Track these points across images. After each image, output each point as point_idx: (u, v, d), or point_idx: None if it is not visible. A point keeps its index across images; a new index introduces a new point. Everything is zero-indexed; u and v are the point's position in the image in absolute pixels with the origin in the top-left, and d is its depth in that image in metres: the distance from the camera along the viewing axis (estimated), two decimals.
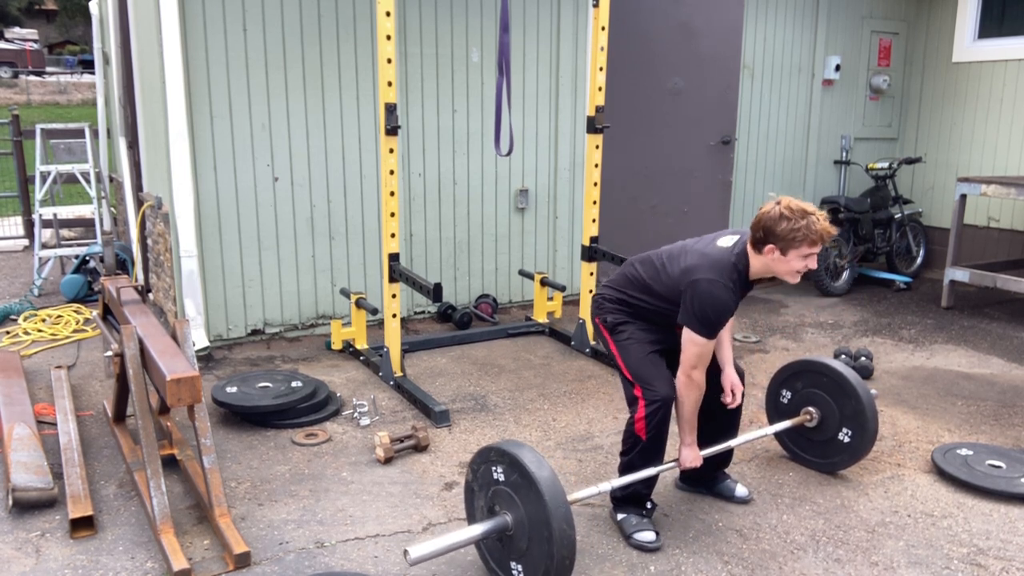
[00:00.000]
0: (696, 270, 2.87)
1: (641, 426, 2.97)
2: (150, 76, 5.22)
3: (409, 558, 2.45)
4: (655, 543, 2.97)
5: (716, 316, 2.85)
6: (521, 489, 2.54)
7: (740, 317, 6.13)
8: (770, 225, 2.79)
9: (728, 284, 2.84)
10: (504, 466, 2.60)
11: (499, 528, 2.60)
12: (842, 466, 3.54)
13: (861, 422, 3.40)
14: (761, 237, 2.83)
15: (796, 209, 2.77)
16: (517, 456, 2.54)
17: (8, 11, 42.00)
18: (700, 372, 2.92)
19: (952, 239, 6.40)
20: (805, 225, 2.75)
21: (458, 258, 5.85)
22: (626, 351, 3.06)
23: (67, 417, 3.83)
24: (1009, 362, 5.23)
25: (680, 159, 6.21)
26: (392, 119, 4.17)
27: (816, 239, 2.77)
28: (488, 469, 2.67)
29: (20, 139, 8.16)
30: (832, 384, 3.48)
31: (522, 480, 2.53)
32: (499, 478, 2.62)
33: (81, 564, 2.82)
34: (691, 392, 2.95)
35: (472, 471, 2.76)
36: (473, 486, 2.77)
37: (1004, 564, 2.93)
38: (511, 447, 2.60)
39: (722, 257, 2.90)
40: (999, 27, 7.22)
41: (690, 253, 2.97)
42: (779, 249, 2.80)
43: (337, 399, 4.29)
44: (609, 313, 3.14)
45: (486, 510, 2.69)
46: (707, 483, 3.37)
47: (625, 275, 3.16)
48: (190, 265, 4.80)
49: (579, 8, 5.90)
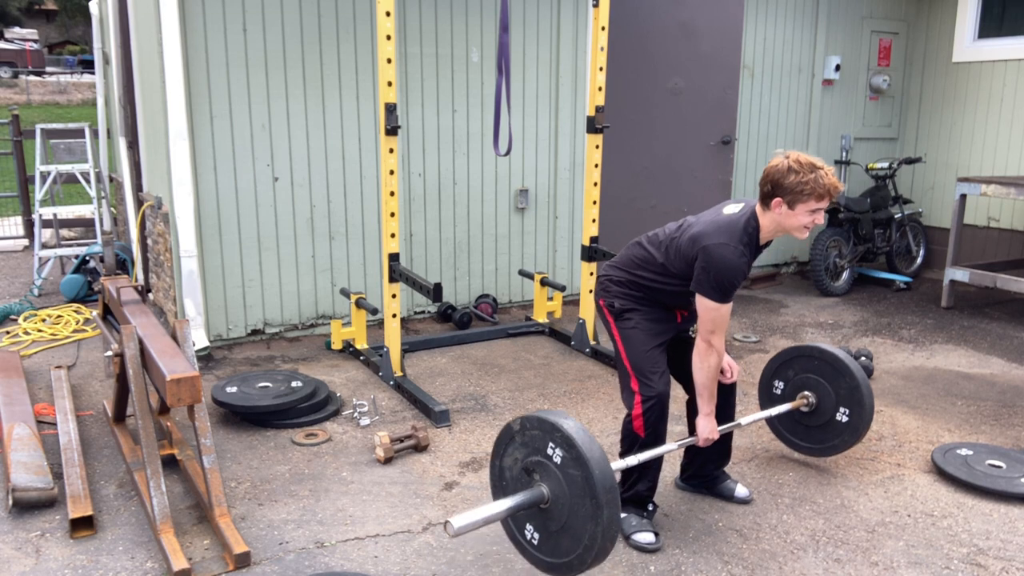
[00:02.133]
0: (706, 236, 2.85)
1: (639, 424, 2.97)
2: (150, 76, 5.23)
3: (452, 528, 2.35)
4: (655, 544, 2.97)
5: (730, 280, 2.82)
6: (575, 486, 2.41)
7: (740, 317, 6.13)
8: (778, 178, 2.77)
9: (739, 247, 2.82)
10: (565, 455, 2.44)
11: (537, 500, 2.51)
12: (843, 447, 3.49)
13: (858, 398, 3.38)
14: (769, 191, 2.81)
15: (804, 163, 2.76)
16: (587, 460, 2.38)
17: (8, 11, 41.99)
18: (719, 338, 2.89)
19: (952, 239, 6.40)
20: (813, 179, 2.74)
21: (458, 258, 5.85)
22: (629, 341, 3.03)
23: (67, 417, 3.83)
24: (1009, 362, 5.23)
25: (680, 159, 6.20)
26: (392, 119, 4.17)
27: (824, 193, 2.76)
28: (544, 440, 2.52)
29: (20, 139, 8.16)
30: (824, 366, 3.46)
31: (584, 483, 2.39)
32: (553, 456, 2.48)
33: (81, 564, 2.82)
34: (710, 358, 2.92)
35: (523, 425, 2.59)
36: (515, 436, 2.61)
37: (1004, 564, 2.93)
38: (583, 444, 2.41)
39: (732, 222, 2.88)
40: (999, 27, 7.22)
41: (698, 223, 2.94)
42: (786, 203, 2.78)
43: (337, 399, 4.29)
44: (616, 297, 3.09)
45: (521, 466, 2.57)
46: (707, 483, 3.36)
47: (631, 255, 3.12)
48: (190, 265, 4.80)
49: (579, 8, 5.90)
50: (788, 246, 7.55)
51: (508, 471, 2.65)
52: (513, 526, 2.64)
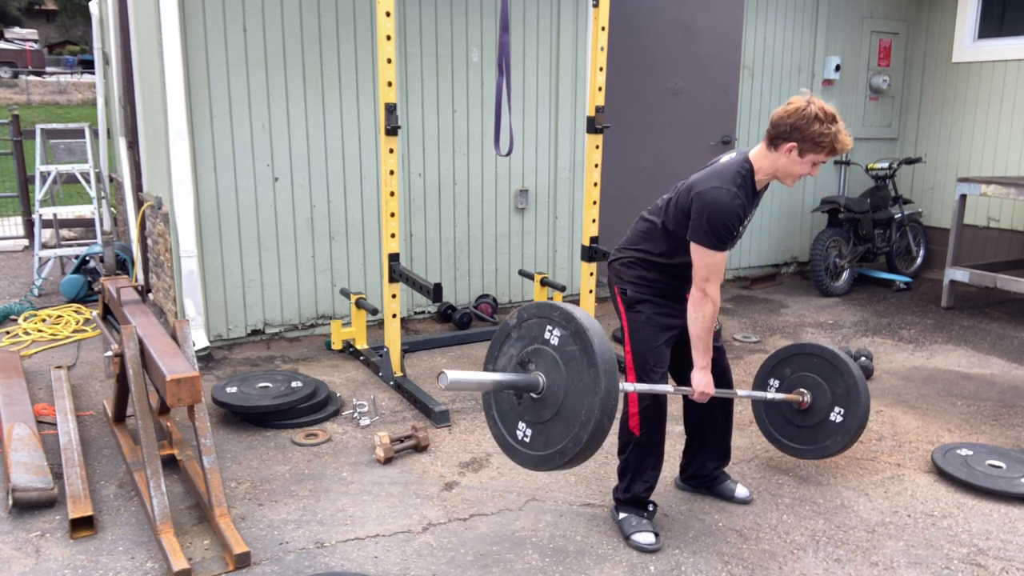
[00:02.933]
0: (699, 183, 2.84)
1: (635, 422, 2.96)
2: (150, 76, 5.23)
3: (446, 380, 2.31)
4: (654, 545, 2.96)
5: (723, 222, 2.77)
6: (574, 363, 2.35)
7: (740, 317, 6.13)
8: (801, 124, 2.70)
9: (733, 189, 2.78)
10: (564, 332, 2.38)
11: (531, 385, 2.44)
12: (834, 449, 3.41)
13: (854, 397, 3.33)
14: (785, 132, 2.74)
15: (829, 113, 2.72)
16: (587, 330, 2.32)
17: (8, 11, 42.00)
18: (713, 286, 2.84)
19: (952, 239, 6.40)
20: (834, 132, 2.70)
21: (458, 258, 5.85)
22: (636, 333, 2.99)
23: (67, 417, 3.83)
24: (1009, 362, 5.23)
25: (680, 159, 6.20)
26: (392, 119, 4.17)
27: (838, 148, 2.73)
28: (541, 325, 2.46)
29: (20, 139, 8.16)
30: (822, 363, 3.42)
31: (581, 355, 2.33)
32: (551, 340, 2.42)
33: (81, 564, 2.82)
34: (705, 307, 2.86)
35: (519, 318, 2.55)
36: (512, 332, 2.57)
37: (1004, 564, 2.93)
38: (582, 317, 2.37)
39: (724, 167, 2.86)
40: (999, 27, 7.22)
41: (693, 177, 2.93)
42: (798, 149, 2.74)
43: (337, 399, 4.29)
44: (629, 284, 3.03)
45: (515, 362, 2.52)
46: (707, 483, 3.36)
47: (637, 230, 3.09)
48: (190, 265, 4.80)
49: (579, 8, 5.90)
50: (788, 246, 7.55)
51: (503, 371, 2.58)
52: (504, 430, 2.56)
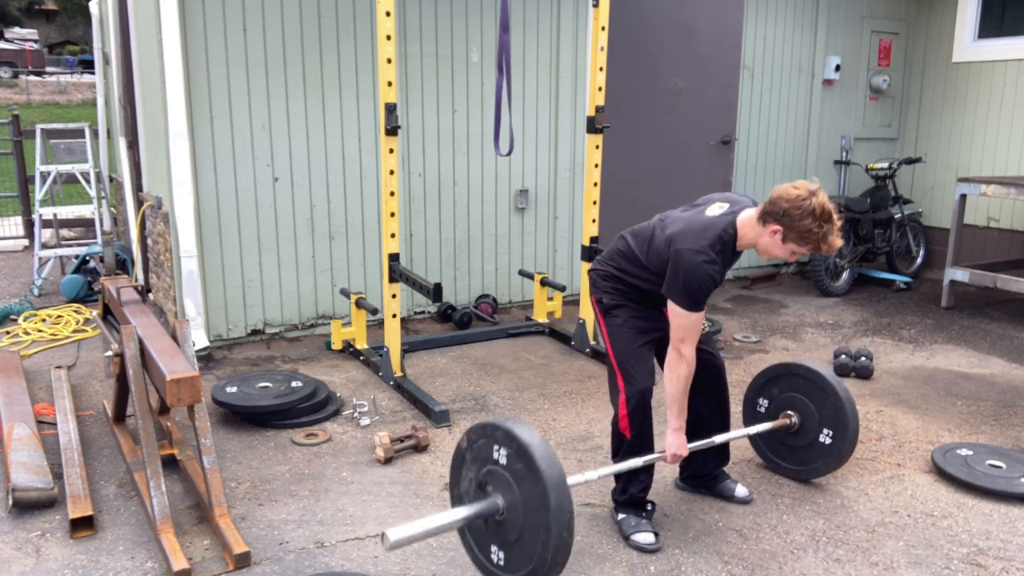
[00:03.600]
0: (680, 239, 2.78)
1: (625, 424, 2.95)
2: (150, 76, 5.23)
3: (387, 542, 2.24)
4: (654, 544, 2.96)
5: (698, 287, 2.75)
6: (524, 481, 2.37)
7: (740, 317, 6.13)
8: (795, 213, 2.68)
9: (712, 256, 2.74)
10: (509, 451, 2.41)
11: (490, 511, 2.44)
12: (825, 471, 3.40)
13: (842, 420, 3.29)
14: (777, 214, 2.72)
15: (826, 212, 2.67)
16: (527, 447, 2.35)
17: (8, 11, 41.99)
18: (689, 347, 2.82)
19: (952, 239, 6.40)
20: (823, 233, 2.67)
21: (458, 258, 5.85)
22: (616, 337, 3.00)
23: (67, 417, 3.83)
24: (1009, 362, 5.23)
25: (680, 159, 6.20)
26: (392, 119, 4.17)
27: (823, 249, 2.71)
28: (488, 446, 2.49)
29: (20, 139, 8.16)
30: (809, 385, 3.37)
31: (527, 473, 2.35)
32: (499, 460, 2.44)
33: (81, 564, 2.82)
34: (680, 368, 2.83)
35: (468, 440, 2.58)
36: (465, 455, 2.60)
37: (1004, 564, 2.93)
38: (522, 433, 2.39)
39: (708, 225, 2.80)
40: (999, 27, 7.22)
41: (677, 220, 2.88)
42: (783, 235, 2.72)
43: (337, 399, 4.29)
44: (605, 293, 3.06)
45: (475, 485, 2.53)
46: (707, 483, 3.36)
47: (618, 248, 3.08)
48: (190, 265, 4.80)
49: (579, 8, 5.90)
50: None
51: (466, 496, 2.60)
52: (480, 554, 2.59)
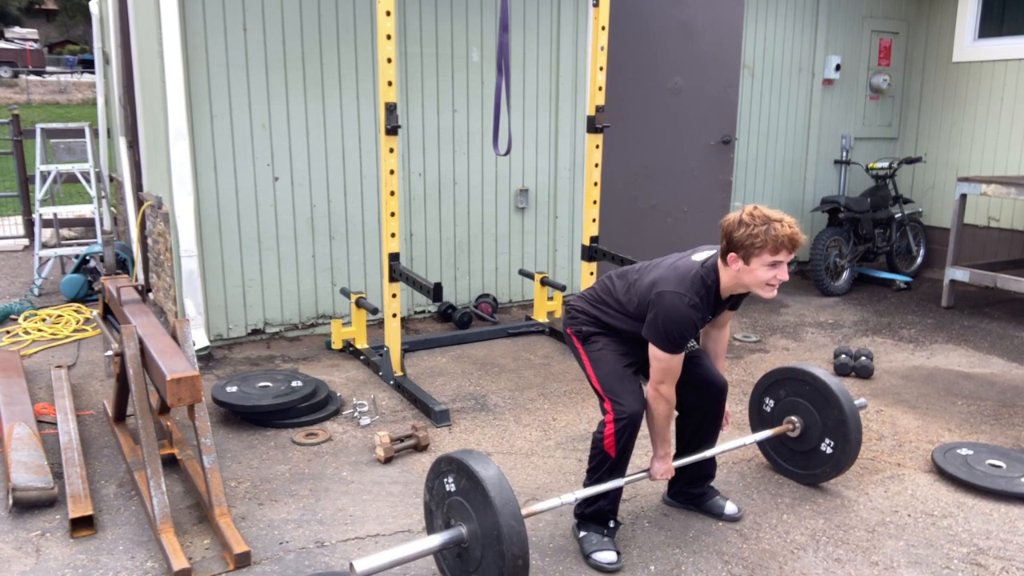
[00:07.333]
0: (663, 283, 2.77)
1: (610, 443, 2.86)
2: (150, 76, 5.23)
3: (355, 574, 2.28)
4: (615, 564, 2.84)
5: (677, 330, 2.73)
6: (471, 494, 2.43)
7: (740, 317, 6.13)
8: (729, 231, 2.68)
9: (693, 299, 2.72)
10: (454, 474, 2.51)
11: (454, 540, 2.49)
12: (824, 478, 3.40)
13: (844, 432, 3.28)
14: (725, 247, 2.73)
15: (758, 215, 2.65)
16: (463, 460, 2.45)
17: (8, 11, 42.01)
18: (668, 387, 2.82)
19: (952, 239, 6.40)
20: (764, 231, 2.62)
21: (458, 258, 5.85)
22: (597, 363, 2.96)
23: (67, 417, 3.83)
24: (1009, 362, 5.23)
25: (680, 159, 6.20)
26: (392, 119, 4.17)
27: (779, 245, 2.65)
28: (441, 482, 2.58)
29: (20, 139, 8.16)
30: (815, 393, 3.36)
31: (470, 484, 2.43)
32: (451, 488, 2.53)
33: (81, 564, 2.82)
34: (659, 406, 2.85)
35: (428, 490, 2.67)
36: (431, 505, 2.68)
37: (1004, 564, 2.93)
38: (458, 453, 2.51)
39: (690, 270, 2.79)
40: (999, 27, 7.22)
41: (662, 266, 2.87)
42: (741, 258, 2.69)
43: (337, 399, 4.29)
44: (583, 324, 3.03)
45: (443, 525, 2.59)
46: (695, 500, 3.26)
47: (604, 286, 3.04)
48: (190, 265, 4.80)
49: (579, 8, 5.90)
50: None
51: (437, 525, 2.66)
52: None
